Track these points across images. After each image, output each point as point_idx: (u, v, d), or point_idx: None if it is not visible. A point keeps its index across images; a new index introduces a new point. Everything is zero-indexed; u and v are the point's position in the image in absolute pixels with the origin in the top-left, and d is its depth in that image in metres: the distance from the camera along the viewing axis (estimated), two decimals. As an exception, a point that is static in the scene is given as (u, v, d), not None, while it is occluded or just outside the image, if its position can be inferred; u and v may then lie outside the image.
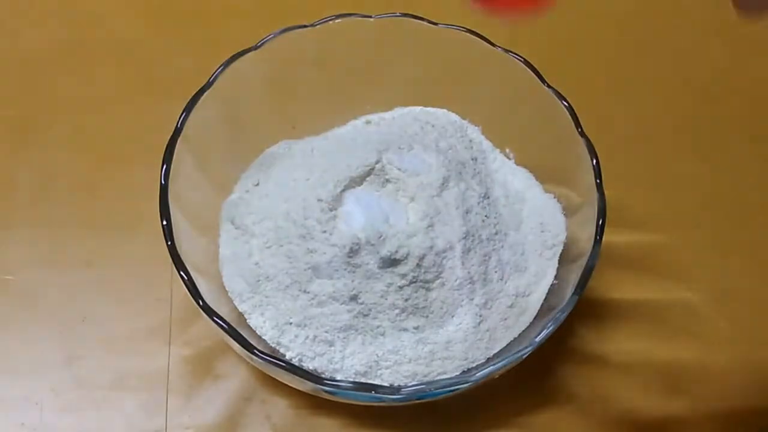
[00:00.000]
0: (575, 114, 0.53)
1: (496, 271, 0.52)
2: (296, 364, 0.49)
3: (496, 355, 0.51)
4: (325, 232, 0.50)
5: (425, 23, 0.56)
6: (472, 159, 0.56)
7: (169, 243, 0.46)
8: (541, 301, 0.52)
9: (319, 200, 0.52)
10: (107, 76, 0.67)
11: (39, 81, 0.67)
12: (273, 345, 0.51)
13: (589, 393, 0.55)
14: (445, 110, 0.60)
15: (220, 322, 0.45)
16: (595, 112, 0.55)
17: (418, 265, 0.49)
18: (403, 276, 0.49)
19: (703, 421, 0.54)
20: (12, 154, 0.63)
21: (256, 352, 0.44)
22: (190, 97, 0.52)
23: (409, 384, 0.49)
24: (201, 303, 0.45)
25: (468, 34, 0.55)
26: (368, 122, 0.60)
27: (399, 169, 0.53)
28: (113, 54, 0.69)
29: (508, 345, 0.51)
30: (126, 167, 0.62)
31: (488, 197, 0.54)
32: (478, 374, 0.45)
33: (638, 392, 0.55)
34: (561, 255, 0.53)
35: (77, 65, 0.68)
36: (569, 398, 0.54)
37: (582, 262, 0.48)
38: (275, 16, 0.68)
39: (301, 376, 0.44)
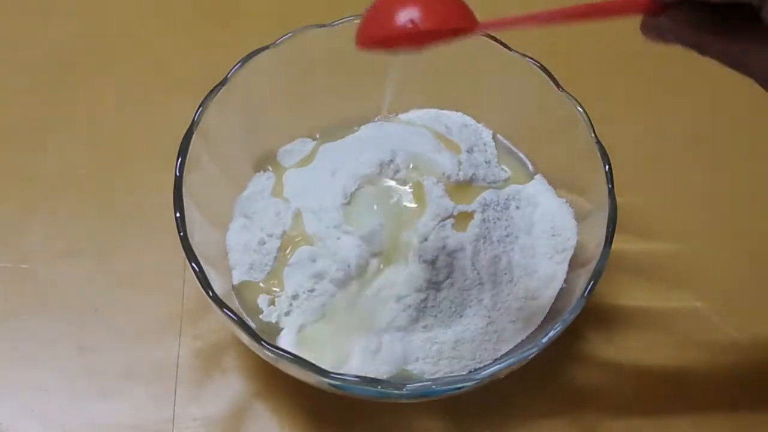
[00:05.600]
0: (590, 119, 0.53)
1: (505, 273, 0.52)
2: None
3: (503, 356, 0.51)
4: (337, 228, 0.51)
5: (442, 25, 0.56)
6: (486, 162, 0.57)
7: (182, 234, 0.47)
8: (550, 304, 0.52)
9: (333, 199, 0.52)
10: (127, 73, 0.68)
11: (60, 77, 0.68)
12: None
13: (595, 399, 0.55)
14: (460, 113, 0.60)
15: (230, 314, 0.45)
16: (609, 118, 0.55)
17: (430, 266, 0.50)
18: (414, 275, 0.50)
19: (709, 428, 0.54)
20: (32, 147, 0.64)
21: (264, 344, 0.44)
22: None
23: (414, 381, 0.49)
24: (211, 294, 0.45)
25: (485, 37, 0.55)
26: (383, 123, 0.60)
27: (412, 170, 0.53)
28: (133, 52, 0.70)
29: (515, 347, 0.51)
30: (143, 162, 0.62)
31: (500, 200, 0.54)
32: (482, 373, 0.45)
33: (644, 399, 0.55)
34: (571, 260, 0.53)
35: (98, 62, 0.69)
36: (576, 402, 0.54)
37: (591, 266, 0.49)
38: (294, 15, 0.69)
39: (308, 369, 0.44)
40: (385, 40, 0.40)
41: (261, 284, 0.52)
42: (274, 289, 0.52)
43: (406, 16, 0.39)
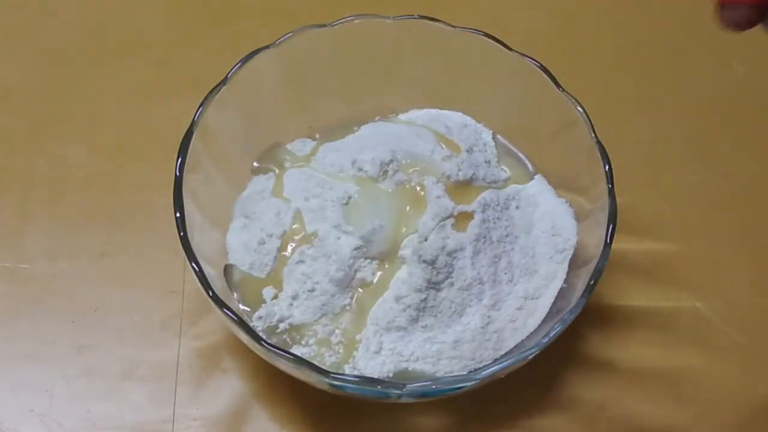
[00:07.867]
0: (590, 119, 0.53)
1: (505, 273, 0.52)
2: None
3: (503, 356, 0.51)
4: (337, 228, 0.51)
5: (442, 25, 0.56)
6: (486, 162, 0.57)
7: (182, 234, 0.47)
8: (550, 304, 0.52)
9: (333, 199, 0.52)
10: (126, 73, 0.68)
11: (60, 76, 0.68)
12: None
13: (595, 398, 0.55)
14: (460, 113, 0.60)
15: (229, 314, 0.45)
16: (609, 118, 0.55)
17: (430, 266, 0.50)
18: (414, 275, 0.50)
19: (709, 428, 0.54)
20: (32, 147, 0.64)
21: (264, 343, 0.44)
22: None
23: (414, 381, 0.49)
24: (211, 293, 0.46)
25: (484, 37, 0.56)
26: (383, 123, 0.60)
27: (412, 170, 0.53)
28: (133, 51, 0.70)
29: (516, 347, 0.51)
30: (143, 162, 0.62)
31: (500, 200, 0.54)
32: (482, 373, 0.45)
33: (644, 399, 0.55)
34: (571, 260, 0.53)
35: (97, 61, 0.69)
36: (575, 403, 0.54)
37: (591, 266, 0.49)
38: (294, 15, 0.69)
39: (308, 369, 0.44)
40: None
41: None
42: (273, 286, 0.52)
43: None
